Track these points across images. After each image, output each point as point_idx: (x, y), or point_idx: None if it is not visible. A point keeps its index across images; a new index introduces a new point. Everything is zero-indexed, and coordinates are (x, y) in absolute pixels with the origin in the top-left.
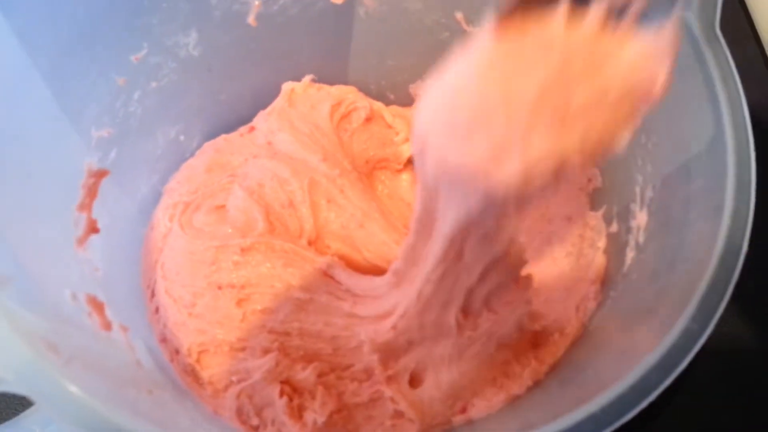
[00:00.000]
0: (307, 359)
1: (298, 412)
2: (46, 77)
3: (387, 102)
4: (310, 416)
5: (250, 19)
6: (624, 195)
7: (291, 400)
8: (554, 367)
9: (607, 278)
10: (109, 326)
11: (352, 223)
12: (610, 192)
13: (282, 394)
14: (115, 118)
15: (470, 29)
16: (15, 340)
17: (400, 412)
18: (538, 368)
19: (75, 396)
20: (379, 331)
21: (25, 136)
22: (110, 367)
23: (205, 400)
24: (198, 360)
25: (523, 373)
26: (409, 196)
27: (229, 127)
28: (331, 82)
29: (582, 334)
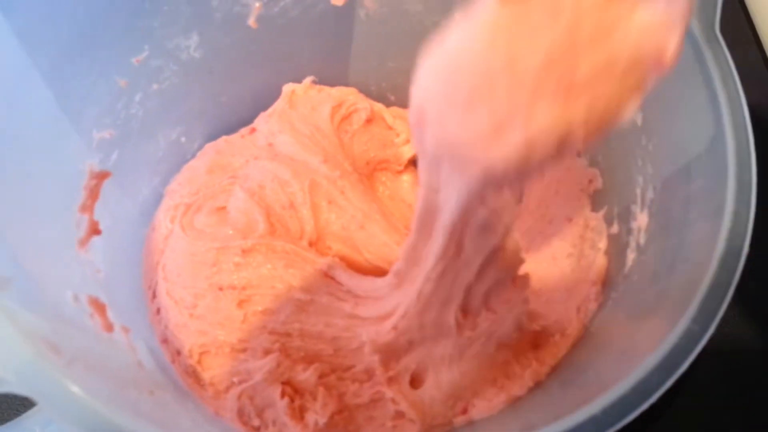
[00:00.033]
0: (308, 360)
1: (300, 413)
2: (47, 78)
3: (388, 103)
4: (311, 417)
5: (251, 21)
6: (624, 196)
7: (292, 401)
8: (555, 368)
9: (608, 279)
10: (110, 327)
11: (353, 225)
12: (611, 193)
13: (283, 395)
14: (116, 119)
15: None
16: (17, 340)
17: (401, 413)
18: (539, 369)
19: (77, 397)
20: (380, 331)
21: (26, 137)
22: (112, 368)
23: (207, 401)
24: (199, 361)
25: (524, 374)
26: (410, 197)
27: (230, 129)
28: (332, 84)
29: (583, 335)
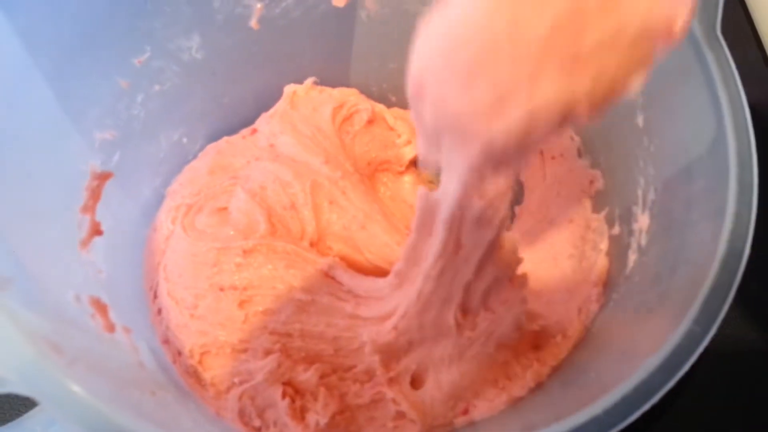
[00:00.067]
0: (309, 360)
1: (301, 414)
2: (49, 78)
3: (389, 104)
4: (312, 418)
5: (253, 23)
6: (626, 197)
7: (293, 402)
8: (556, 369)
9: (609, 280)
10: (112, 328)
11: (354, 225)
12: (612, 194)
13: (284, 396)
14: (118, 120)
15: None
16: (18, 340)
17: (401, 413)
18: (540, 370)
19: (79, 397)
20: (381, 332)
21: (28, 137)
22: (113, 369)
23: (208, 402)
24: (200, 361)
25: (525, 375)
26: (411, 197)
27: (232, 130)
28: (333, 85)
29: (584, 336)
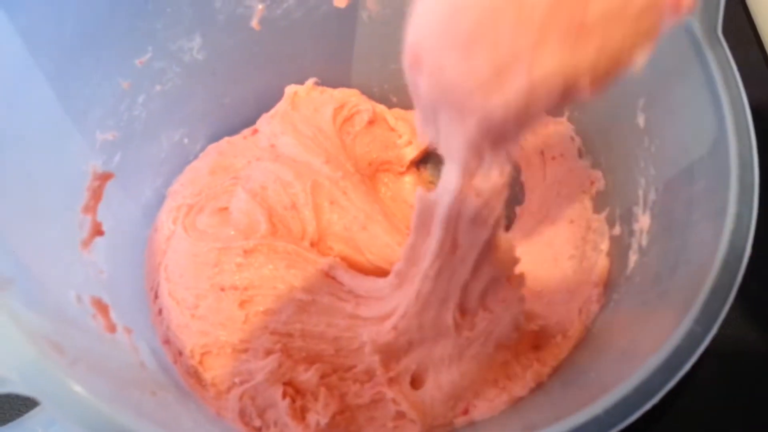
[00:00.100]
0: (310, 360)
1: (301, 414)
2: (50, 79)
3: (390, 105)
4: (312, 418)
5: (254, 23)
6: (627, 198)
7: (294, 402)
8: (557, 369)
9: (610, 281)
10: (113, 328)
11: (355, 225)
12: (613, 195)
13: (285, 396)
14: (119, 121)
15: None
16: (20, 340)
17: (401, 413)
18: (540, 370)
19: (80, 397)
20: (381, 332)
21: (30, 138)
22: (114, 369)
23: (208, 402)
24: (201, 362)
25: (525, 375)
26: (412, 198)
27: (233, 130)
28: (334, 86)
29: (585, 337)
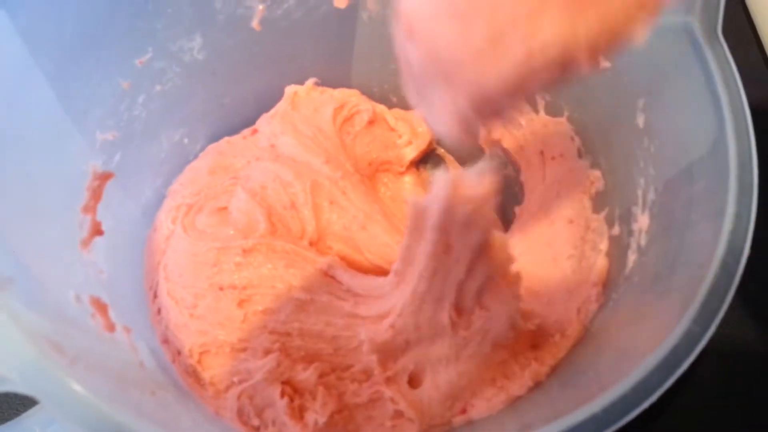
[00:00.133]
0: (308, 360)
1: (299, 413)
2: (51, 79)
3: (390, 105)
4: (311, 417)
5: (254, 24)
6: (626, 198)
7: (292, 401)
8: (555, 369)
9: (609, 280)
10: (112, 327)
11: (354, 225)
12: (612, 195)
13: (283, 395)
14: (119, 121)
15: None
16: (20, 340)
17: (399, 412)
18: (538, 369)
19: (79, 396)
20: (378, 330)
21: (30, 138)
22: (114, 368)
23: (207, 401)
24: (199, 361)
25: (523, 374)
26: None
27: (233, 130)
28: (335, 86)
29: (583, 336)
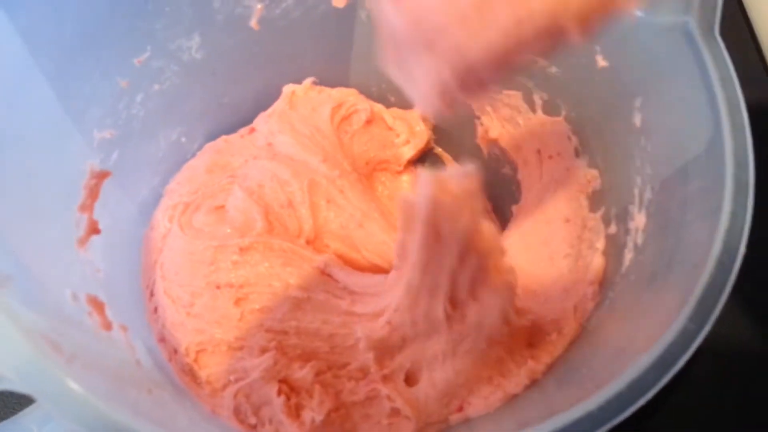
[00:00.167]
0: (305, 358)
1: (296, 411)
2: (50, 78)
3: (388, 104)
4: (308, 415)
5: (253, 23)
6: (623, 197)
7: (289, 399)
8: (552, 367)
9: (605, 279)
10: (109, 326)
11: (352, 223)
12: (609, 194)
13: (280, 393)
14: (117, 120)
15: None
16: (17, 338)
17: (396, 410)
18: (535, 367)
19: (77, 394)
20: (375, 327)
21: (28, 136)
22: (111, 367)
23: (203, 400)
24: (196, 359)
25: (519, 373)
26: None
27: (231, 130)
28: (333, 85)
29: (580, 334)
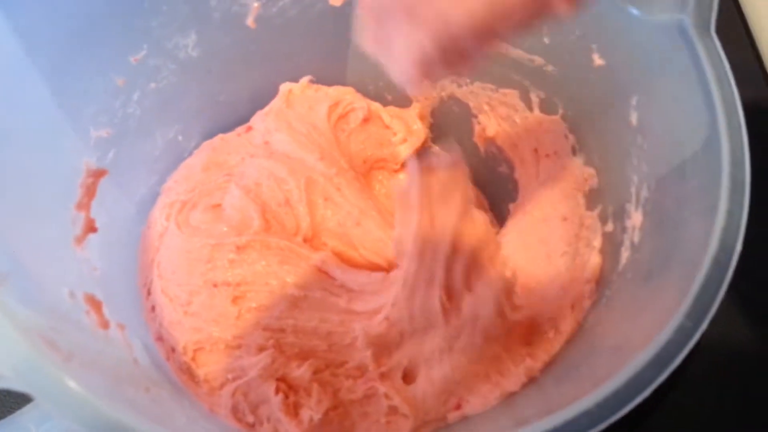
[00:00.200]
0: (303, 356)
1: (294, 410)
2: (46, 76)
3: (385, 103)
4: (306, 413)
5: (249, 21)
6: (619, 195)
7: (287, 398)
8: (549, 365)
9: (602, 277)
10: (106, 324)
11: (349, 221)
12: (606, 192)
13: (277, 392)
14: (113, 118)
15: None
16: (14, 337)
17: (394, 408)
18: (532, 365)
19: (75, 393)
20: (373, 324)
21: (24, 135)
22: (108, 365)
23: (201, 398)
24: (193, 358)
25: (517, 371)
26: None
27: (228, 128)
28: (330, 83)
29: (577, 332)
